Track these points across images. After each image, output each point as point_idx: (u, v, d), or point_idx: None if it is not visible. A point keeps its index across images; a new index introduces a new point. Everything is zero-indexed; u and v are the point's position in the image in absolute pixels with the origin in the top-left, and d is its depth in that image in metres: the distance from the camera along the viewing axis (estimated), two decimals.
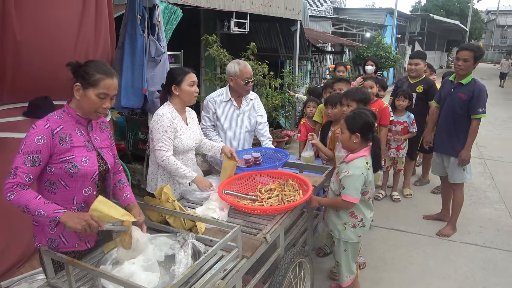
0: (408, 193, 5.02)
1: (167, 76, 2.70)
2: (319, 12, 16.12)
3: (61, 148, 1.79)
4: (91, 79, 1.79)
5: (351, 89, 3.20)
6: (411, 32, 21.91)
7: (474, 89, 3.58)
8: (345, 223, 2.57)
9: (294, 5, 7.71)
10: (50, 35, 2.84)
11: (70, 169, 1.81)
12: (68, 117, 1.85)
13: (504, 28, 49.49)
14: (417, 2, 39.55)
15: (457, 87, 3.70)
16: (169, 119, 2.57)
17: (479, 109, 3.57)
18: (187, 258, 1.77)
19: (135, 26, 3.42)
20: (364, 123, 2.45)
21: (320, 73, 12.15)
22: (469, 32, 31.39)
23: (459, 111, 3.67)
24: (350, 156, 2.48)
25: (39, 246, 1.86)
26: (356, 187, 2.41)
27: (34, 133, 1.74)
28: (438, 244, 3.83)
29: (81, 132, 1.89)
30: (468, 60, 3.56)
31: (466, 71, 3.61)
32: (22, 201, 1.67)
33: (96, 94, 1.80)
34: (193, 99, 2.69)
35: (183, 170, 2.55)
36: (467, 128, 3.67)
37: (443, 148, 3.90)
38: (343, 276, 2.71)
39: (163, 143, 2.55)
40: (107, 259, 1.83)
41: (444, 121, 3.84)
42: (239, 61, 3.22)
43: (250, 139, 3.47)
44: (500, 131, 9.11)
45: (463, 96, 3.62)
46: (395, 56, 14.56)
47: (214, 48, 5.42)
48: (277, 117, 6.60)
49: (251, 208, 2.32)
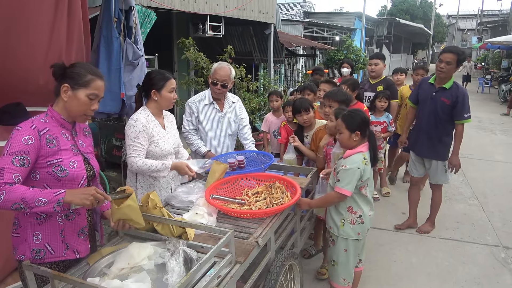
0: (386, 191, 5.12)
1: (146, 79, 2.60)
2: (290, 16, 16.30)
3: (48, 151, 1.72)
4: (82, 79, 1.75)
5: (333, 90, 3.22)
6: (378, 36, 22.58)
7: (458, 94, 3.49)
8: (344, 218, 2.56)
9: (267, 9, 7.75)
10: (20, 39, 2.69)
11: (58, 173, 1.73)
12: (53, 121, 1.79)
13: (464, 31, 51.84)
14: (383, 7, 40.78)
15: (440, 92, 3.59)
16: (143, 124, 2.49)
17: (465, 114, 3.50)
18: (180, 267, 1.71)
19: (110, 29, 3.30)
20: (362, 120, 2.48)
21: (293, 76, 12.27)
22: (432, 35, 32.67)
23: (442, 116, 3.58)
24: (348, 152, 2.51)
25: (22, 259, 1.75)
26: (350, 180, 2.42)
27: (20, 134, 1.66)
28: (418, 241, 3.91)
29: (66, 136, 1.83)
30: (451, 63, 3.44)
31: (447, 74, 3.51)
32: (16, 196, 1.56)
33: (87, 94, 1.76)
34: (171, 105, 2.63)
35: (156, 165, 2.51)
36: (450, 132, 3.65)
37: (423, 151, 3.84)
38: (339, 277, 2.67)
39: (133, 150, 2.48)
40: (94, 271, 1.74)
41: (425, 125, 3.74)
42: (220, 62, 3.20)
43: (232, 142, 3.43)
44: (467, 129, 9.46)
45: (446, 101, 3.53)
46: (364, 58, 14.92)
47: (190, 51, 5.35)
48: (254, 120, 6.58)
49: (241, 212, 2.28)
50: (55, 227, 1.81)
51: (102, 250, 1.94)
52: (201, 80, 5.57)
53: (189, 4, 5.57)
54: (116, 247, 1.94)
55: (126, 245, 1.89)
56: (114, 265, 1.76)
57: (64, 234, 1.83)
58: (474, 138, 8.50)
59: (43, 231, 1.79)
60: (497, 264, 3.50)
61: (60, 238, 1.82)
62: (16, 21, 2.64)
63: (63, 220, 1.83)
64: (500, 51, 21.12)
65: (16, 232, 1.80)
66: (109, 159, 5.13)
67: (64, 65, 1.78)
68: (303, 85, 4.49)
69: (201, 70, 5.49)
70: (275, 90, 4.71)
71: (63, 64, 1.78)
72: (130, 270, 1.76)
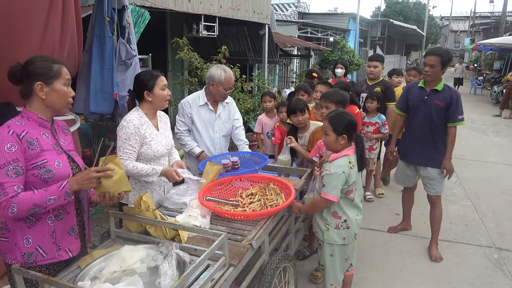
0: (380, 192, 5.13)
1: (136, 82, 2.55)
2: (284, 16, 16.31)
3: (31, 153, 1.68)
4: (52, 71, 1.72)
5: (329, 91, 3.21)
6: (372, 37, 22.66)
7: (452, 95, 3.35)
8: (328, 223, 2.54)
9: (262, 9, 7.74)
10: (12, 37, 2.64)
11: (44, 174, 1.70)
12: (30, 122, 1.74)
13: (457, 33, 52.26)
14: (377, 8, 41.01)
15: (432, 94, 3.42)
16: (135, 126, 2.44)
17: (459, 116, 3.35)
18: (172, 270, 1.69)
19: (103, 28, 3.27)
20: (349, 123, 2.44)
21: (287, 77, 12.27)
22: (426, 37, 32.89)
23: (436, 120, 3.41)
24: (333, 155, 2.47)
25: (13, 263, 1.72)
26: (335, 185, 2.38)
27: (0, 143, 1.61)
28: (412, 242, 3.92)
29: (46, 135, 1.79)
30: (435, 66, 3.30)
31: (433, 77, 3.37)
32: (26, 204, 1.62)
33: (63, 83, 1.76)
34: (165, 103, 2.59)
35: (145, 170, 2.46)
36: (445, 137, 3.46)
37: (417, 159, 3.61)
38: (327, 282, 2.66)
39: (123, 152, 2.44)
40: (85, 275, 1.71)
41: (418, 131, 3.53)
42: (225, 68, 3.13)
43: (226, 143, 3.41)
44: (460, 130, 9.52)
45: (440, 104, 3.36)
46: (359, 59, 14.96)
47: (184, 51, 5.32)
48: (248, 121, 6.56)
49: (234, 214, 2.26)
50: (46, 229, 1.78)
51: (94, 253, 1.91)
52: (195, 80, 5.54)
53: (183, 3, 5.53)
54: (108, 250, 1.91)
55: (118, 248, 1.86)
56: (106, 268, 1.73)
57: (56, 236, 1.81)
58: (467, 139, 8.55)
59: (33, 234, 1.76)
60: (490, 265, 3.52)
61: (51, 240, 1.80)
62: (9, 19, 2.60)
63: (53, 221, 1.80)
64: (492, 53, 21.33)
65: (5, 237, 1.76)
66: None
67: (21, 65, 1.72)
68: (297, 86, 4.48)
69: (195, 70, 5.46)
70: (268, 91, 4.70)
71: (19, 64, 1.72)
72: (122, 273, 1.73)
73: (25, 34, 2.67)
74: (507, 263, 3.56)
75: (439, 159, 3.48)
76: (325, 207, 2.51)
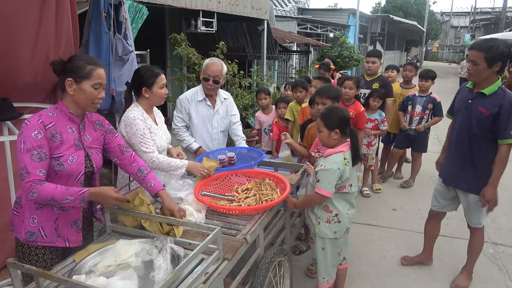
0: (377, 188, 5.15)
1: (135, 76, 2.57)
2: (284, 12, 16.27)
3: (52, 145, 1.81)
4: (83, 71, 1.82)
5: (324, 87, 3.20)
6: (372, 32, 22.60)
7: (504, 102, 2.58)
8: (319, 217, 2.55)
9: (261, 5, 7.71)
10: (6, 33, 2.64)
11: (56, 167, 1.82)
12: (61, 114, 1.87)
13: (457, 28, 52.14)
14: (377, 4, 40.86)
15: (477, 98, 2.73)
16: (142, 121, 2.48)
17: (511, 130, 2.59)
18: (167, 264, 1.70)
19: (100, 24, 3.26)
20: (341, 118, 2.44)
21: (286, 73, 12.25)
22: (426, 33, 32.81)
23: (477, 131, 2.71)
24: (328, 151, 2.47)
25: (18, 237, 1.89)
26: (330, 181, 2.39)
27: (29, 129, 1.75)
28: (408, 237, 3.94)
29: (72, 130, 1.90)
30: (478, 63, 2.60)
31: (477, 78, 2.68)
32: (47, 195, 1.72)
33: (92, 85, 1.84)
34: (162, 100, 2.61)
35: (175, 162, 2.52)
36: (488, 155, 2.71)
37: (451, 179, 2.97)
38: (319, 276, 2.68)
39: (146, 146, 2.45)
40: (80, 269, 1.73)
41: (455, 143, 2.90)
42: (212, 58, 3.18)
43: (224, 139, 3.43)
44: None
45: (484, 112, 2.66)
46: (358, 55, 14.93)
47: (182, 47, 5.32)
48: (247, 117, 6.57)
49: (230, 209, 2.28)
50: (50, 214, 1.90)
51: (89, 247, 1.93)
52: (193, 76, 5.54)
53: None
54: (103, 244, 1.93)
55: (113, 242, 1.88)
56: (101, 262, 1.75)
57: (58, 223, 1.93)
58: None
59: (39, 215, 1.89)
60: (486, 260, 3.54)
61: (53, 225, 1.91)
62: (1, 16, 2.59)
63: (58, 209, 1.92)
64: None
65: (17, 211, 1.92)
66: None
67: (63, 61, 1.84)
68: (294, 82, 4.49)
69: (193, 66, 5.47)
70: (263, 88, 4.71)
71: (61, 59, 1.84)
72: (117, 267, 1.75)
73: (19, 30, 2.67)
74: (502, 258, 3.58)
75: (476, 183, 2.78)
76: (319, 202, 2.52)
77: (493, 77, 2.65)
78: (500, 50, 2.53)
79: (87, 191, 1.80)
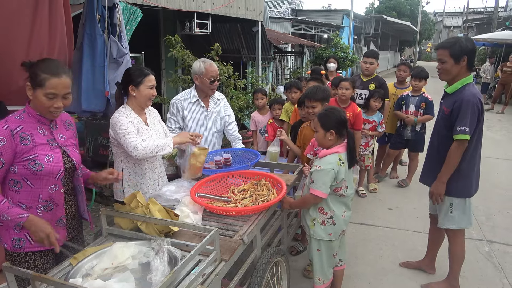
0: (373, 187, 5.17)
1: (124, 75, 2.59)
2: (278, 13, 16.30)
3: (23, 148, 1.78)
4: (37, 79, 1.77)
5: (311, 89, 3.16)
6: (366, 33, 22.68)
7: (457, 99, 2.63)
8: (314, 219, 2.54)
9: (255, 6, 7.72)
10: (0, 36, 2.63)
11: (34, 167, 1.80)
12: (29, 117, 1.84)
13: (450, 28, 52.43)
14: (371, 4, 41.02)
15: (445, 98, 2.82)
16: (125, 117, 2.48)
17: (459, 127, 2.59)
18: (164, 265, 1.70)
19: (94, 26, 3.26)
20: (338, 119, 2.44)
21: (281, 74, 12.28)
22: (419, 33, 32.98)
23: (443, 130, 2.77)
24: (323, 152, 2.48)
25: (5, 246, 1.88)
26: (324, 182, 2.38)
27: None
28: (404, 236, 3.95)
29: (43, 131, 1.88)
30: (445, 61, 2.65)
31: (446, 76, 2.71)
32: None
33: (44, 94, 1.78)
34: (149, 102, 2.59)
35: (160, 141, 2.47)
36: None
37: (425, 178, 3.04)
38: (315, 277, 2.68)
39: (129, 137, 2.41)
40: (77, 272, 1.72)
41: (429, 143, 2.99)
42: (205, 59, 3.18)
43: (219, 140, 3.42)
44: None
45: (445, 110, 2.73)
46: (353, 56, 14.98)
47: (177, 49, 5.31)
48: (242, 118, 6.57)
49: (226, 210, 2.28)
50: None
51: (86, 250, 1.92)
52: (188, 78, 5.53)
53: (175, 1, 5.51)
54: (99, 247, 1.92)
55: (110, 245, 1.87)
56: (98, 265, 1.74)
57: None
58: None
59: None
60: (481, 257, 3.56)
61: None
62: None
63: (42, 211, 1.91)
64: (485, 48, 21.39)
65: (0, 222, 1.86)
66: (95, 159, 5.06)
67: (30, 63, 1.79)
68: (289, 83, 4.50)
69: (188, 68, 5.46)
70: (260, 88, 4.71)
71: (30, 62, 1.80)
72: (113, 270, 1.74)
73: (12, 32, 2.66)
74: (497, 255, 3.60)
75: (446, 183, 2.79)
76: (314, 203, 2.51)
77: (463, 73, 2.67)
78: (464, 45, 2.59)
79: (26, 217, 1.75)
